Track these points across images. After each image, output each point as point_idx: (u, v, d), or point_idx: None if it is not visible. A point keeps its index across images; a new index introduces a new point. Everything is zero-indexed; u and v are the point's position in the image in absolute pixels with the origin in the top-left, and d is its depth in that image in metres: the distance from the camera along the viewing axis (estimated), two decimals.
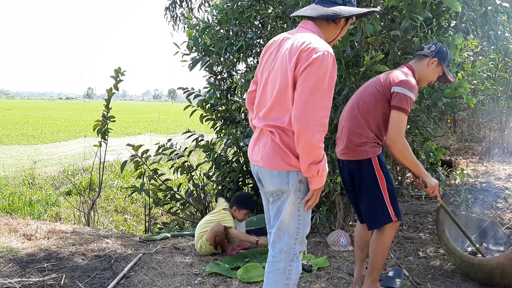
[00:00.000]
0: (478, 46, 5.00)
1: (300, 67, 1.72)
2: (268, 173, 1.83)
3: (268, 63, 1.91)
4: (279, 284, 1.86)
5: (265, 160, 1.83)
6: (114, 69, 4.52)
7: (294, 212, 1.83)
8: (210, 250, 3.31)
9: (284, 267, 1.86)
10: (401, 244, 3.43)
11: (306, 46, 1.73)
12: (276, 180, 1.81)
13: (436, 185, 2.40)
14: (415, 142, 3.35)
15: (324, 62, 1.70)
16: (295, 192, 1.81)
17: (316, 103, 1.69)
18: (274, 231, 1.88)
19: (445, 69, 2.48)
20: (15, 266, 2.92)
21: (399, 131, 2.26)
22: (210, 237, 3.26)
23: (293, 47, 1.77)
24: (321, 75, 1.69)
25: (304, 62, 1.70)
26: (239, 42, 3.84)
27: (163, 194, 4.46)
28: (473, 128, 8.74)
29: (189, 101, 4.31)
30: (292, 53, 1.76)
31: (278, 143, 1.79)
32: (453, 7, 2.65)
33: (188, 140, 5.25)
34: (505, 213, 4.07)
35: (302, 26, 1.90)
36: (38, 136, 18.56)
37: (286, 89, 1.77)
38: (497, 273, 2.49)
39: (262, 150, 1.85)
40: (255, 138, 1.94)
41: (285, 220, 1.84)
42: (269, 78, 1.87)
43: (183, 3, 9.06)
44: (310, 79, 1.69)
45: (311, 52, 1.71)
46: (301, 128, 1.69)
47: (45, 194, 7.80)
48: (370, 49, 3.47)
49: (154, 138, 14.38)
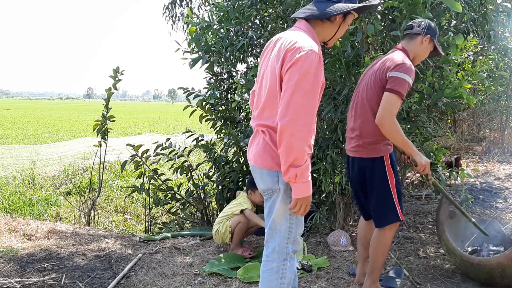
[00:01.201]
0: (477, 46, 4.99)
1: (285, 66, 1.72)
2: (259, 172, 1.84)
3: (263, 64, 1.93)
4: (273, 284, 1.85)
5: (256, 159, 1.84)
6: (113, 69, 4.52)
7: (286, 211, 1.82)
8: (225, 237, 3.31)
9: (277, 266, 1.85)
10: (401, 244, 3.43)
11: (291, 45, 1.73)
12: (266, 179, 1.82)
13: (427, 163, 2.36)
14: (415, 142, 3.35)
15: (307, 61, 1.69)
16: (286, 191, 1.80)
17: (299, 102, 1.67)
18: (267, 230, 1.88)
19: (437, 44, 2.49)
20: (15, 266, 2.92)
21: (390, 111, 2.23)
22: (233, 222, 3.27)
23: (281, 47, 1.78)
24: (304, 74, 1.68)
25: (289, 61, 1.71)
26: (240, 41, 3.84)
27: (163, 194, 4.45)
28: (473, 128, 8.73)
29: (189, 101, 4.31)
30: (279, 53, 1.77)
31: (269, 143, 1.79)
32: (453, 7, 2.65)
33: (188, 140, 5.25)
34: (505, 213, 4.07)
35: (296, 26, 1.91)
36: (38, 136, 18.55)
37: (275, 89, 1.77)
38: (497, 273, 2.49)
39: (255, 149, 1.87)
40: (252, 137, 1.96)
41: (276, 220, 1.83)
42: (263, 78, 1.89)
43: (182, 2, 9.04)
44: (293, 78, 1.68)
45: (295, 52, 1.71)
46: (282, 127, 1.67)
47: (45, 194, 7.80)
48: (370, 49, 3.47)
49: (154, 138, 14.37)
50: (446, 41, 2.87)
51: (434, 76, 3.08)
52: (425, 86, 3.05)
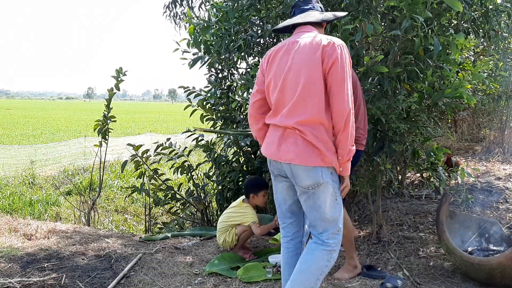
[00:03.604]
0: (478, 46, 5.00)
1: (327, 62, 1.92)
2: (305, 169, 1.97)
3: (281, 66, 2.03)
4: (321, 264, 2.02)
5: (302, 158, 1.95)
6: (116, 69, 4.51)
7: (333, 201, 2.02)
8: (232, 244, 3.29)
9: (330, 250, 2.04)
10: (401, 244, 3.43)
11: (326, 42, 1.95)
12: (312, 175, 1.96)
13: None
14: (415, 142, 3.35)
15: (344, 52, 1.95)
16: (331, 183, 1.99)
17: (349, 89, 1.92)
18: (317, 222, 2.04)
19: None
20: (15, 265, 2.92)
21: None
22: (240, 230, 3.26)
23: (313, 44, 1.96)
24: (346, 65, 1.94)
25: (330, 57, 1.92)
26: (238, 41, 3.83)
27: (163, 194, 4.45)
28: (473, 128, 8.73)
29: (190, 101, 4.31)
30: (313, 50, 1.95)
31: (310, 141, 1.94)
32: (454, 6, 2.64)
33: (188, 139, 5.25)
34: (505, 213, 4.07)
35: (303, 31, 2.09)
36: (38, 136, 18.56)
37: (312, 84, 1.93)
38: (497, 273, 2.49)
39: (295, 149, 1.97)
40: (279, 137, 2.02)
41: (328, 211, 2.02)
42: (288, 78, 2.00)
43: (183, 2, 9.01)
44: (340, 70, 1.91)
45: (333, 47, 1.93)
46: (348, 114, 1.90)
47: (45, 194, 7.80)
48: (370, 49, 3.47)
49: (154, 138, 14.38)
50: (447, 40, 2.86)
51: (434, 76, 3.08)
52: (425, 86, 3.04)
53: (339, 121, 1.91)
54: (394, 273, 2.88)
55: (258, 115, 2.18)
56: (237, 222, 3.29)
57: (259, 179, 3.54)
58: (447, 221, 2.91)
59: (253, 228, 3.25)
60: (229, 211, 3.41)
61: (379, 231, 3.53)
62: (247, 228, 3.26)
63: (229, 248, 3.32)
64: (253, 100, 2.19)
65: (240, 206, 3.37)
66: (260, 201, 3.36)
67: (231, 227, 3.29)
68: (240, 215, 3.30)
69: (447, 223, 2.89)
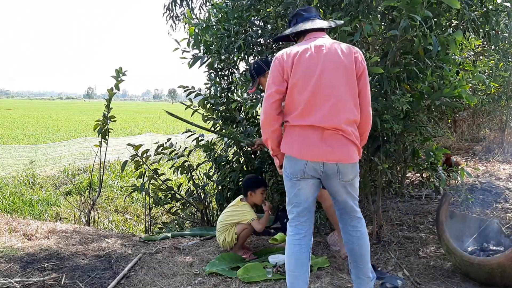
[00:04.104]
0: (478, 46, 5.00)
1: (358, 66, 2.16)
2: (350, 166, 2.18)
3: (311, 69, 2.14)
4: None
5: (349, 156, 2.15)
6: (115, 69, 4.51)
7: None
8: (232, 243, 3.29)
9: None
10: (401, 244, 3.43)
11: (354, 49, 2.19)
12: (355, 168, 2.22)
13: None
14: (415, 142, 3.35)
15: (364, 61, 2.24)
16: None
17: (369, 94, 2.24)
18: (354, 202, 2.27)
19: None
20: (15, 266, 2.92)
21: None
22: (239, 229, 3.25)
23: (344, 50, 2.17)
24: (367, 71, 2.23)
25: (360, 63, 2.17)
26: (238, 41, 3.83)
27: (163, 194, 4.45)
28: (473, 128, 8.74)
29: (190, 100, 4.31)
30: (346, 55, 2.15)
31: (351, 139, 2.14)
32: (451, 3, 2.65)
33: (188, 139, 5.25)
34: (505, 213, 4.07)
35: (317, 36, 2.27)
36: (38, 136, 18.57)
37: (351, 87, 2.14)
38: (497, 273, 2.49)
39: (340, 149, 2.14)
40: (319, 138, 2.12)
41: (356, 196, 2.27)
42: (322, 80, 2.13)
43: (183, 2, 9.00)
44: (366, 76, 2.19)
45: (360, 54, 2.20)
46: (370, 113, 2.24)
47: (45, 194, 7.80)
48: (370, 49, 3.47)
49: (154, 138, 14.38)
50: (446, 39, 2.86)
51: (433, 76, 3.07)
52: (424, 86, 3.04)
53: (367, 120, 2.23)
54: (394, 273, 2.89)
55: (276, 116, 2.17)
56: (236, 220, 3.29)
57: (257, 177, 3.56)
58: (447, 221, 2.91)
59: (254, 225, 3.25)
60: (228, 210, 3.41)
61: (379, 231, 3.53)
62: (247, 226, 3.26)
63: (229, 248, 3.32)
64: (271, 100, 2.16)
65: (238, 204, 3.38)
66: (258, 199, 3.36)
67: (231, 226, 3.29)
68: (239, 214, 3.31)
69: (447, 223, 2.89)
